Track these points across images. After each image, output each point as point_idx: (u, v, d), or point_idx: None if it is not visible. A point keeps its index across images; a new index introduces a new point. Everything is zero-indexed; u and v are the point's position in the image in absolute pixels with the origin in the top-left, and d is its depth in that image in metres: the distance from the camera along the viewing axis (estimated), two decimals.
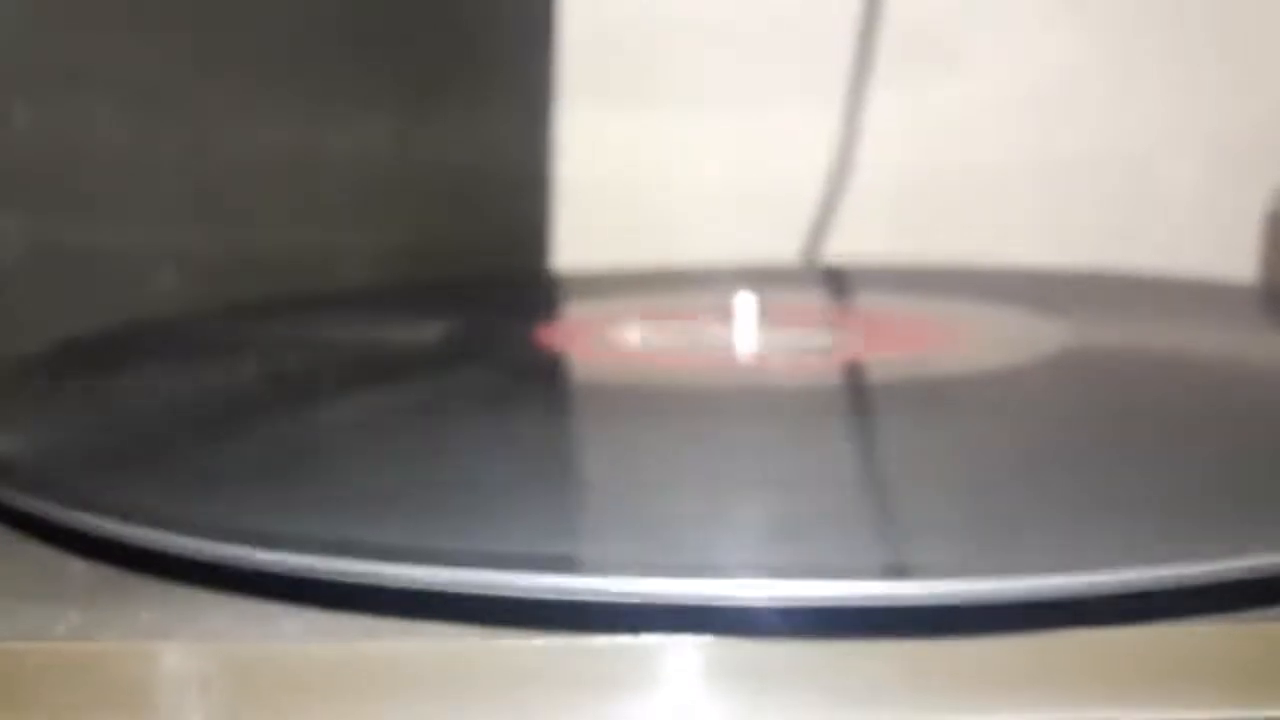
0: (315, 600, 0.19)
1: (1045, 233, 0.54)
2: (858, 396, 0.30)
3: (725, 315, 0.35)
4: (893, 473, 0.24)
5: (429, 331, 0.35)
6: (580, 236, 0.52)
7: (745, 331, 0.34)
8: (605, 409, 0.29)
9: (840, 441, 0.26)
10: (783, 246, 0.53)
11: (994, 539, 0.20)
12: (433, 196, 0.48)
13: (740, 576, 0.18)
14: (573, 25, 0.52)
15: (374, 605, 0.19)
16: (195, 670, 0.19)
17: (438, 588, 0.18)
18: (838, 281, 0.47)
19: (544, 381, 0.31)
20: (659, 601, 0.18)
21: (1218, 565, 0.18)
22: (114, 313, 0.37)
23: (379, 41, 0.46)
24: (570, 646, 0.19)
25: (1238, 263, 0.48)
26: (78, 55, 0.38)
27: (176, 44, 0.40)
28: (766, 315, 0.35)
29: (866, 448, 0.26)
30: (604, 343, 0.34)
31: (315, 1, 0.44)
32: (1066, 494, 0.22)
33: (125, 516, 0.20)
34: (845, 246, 0.53)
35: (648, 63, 0.53)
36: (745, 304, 0.35)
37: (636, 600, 0.18)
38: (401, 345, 0.35)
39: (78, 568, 0.21)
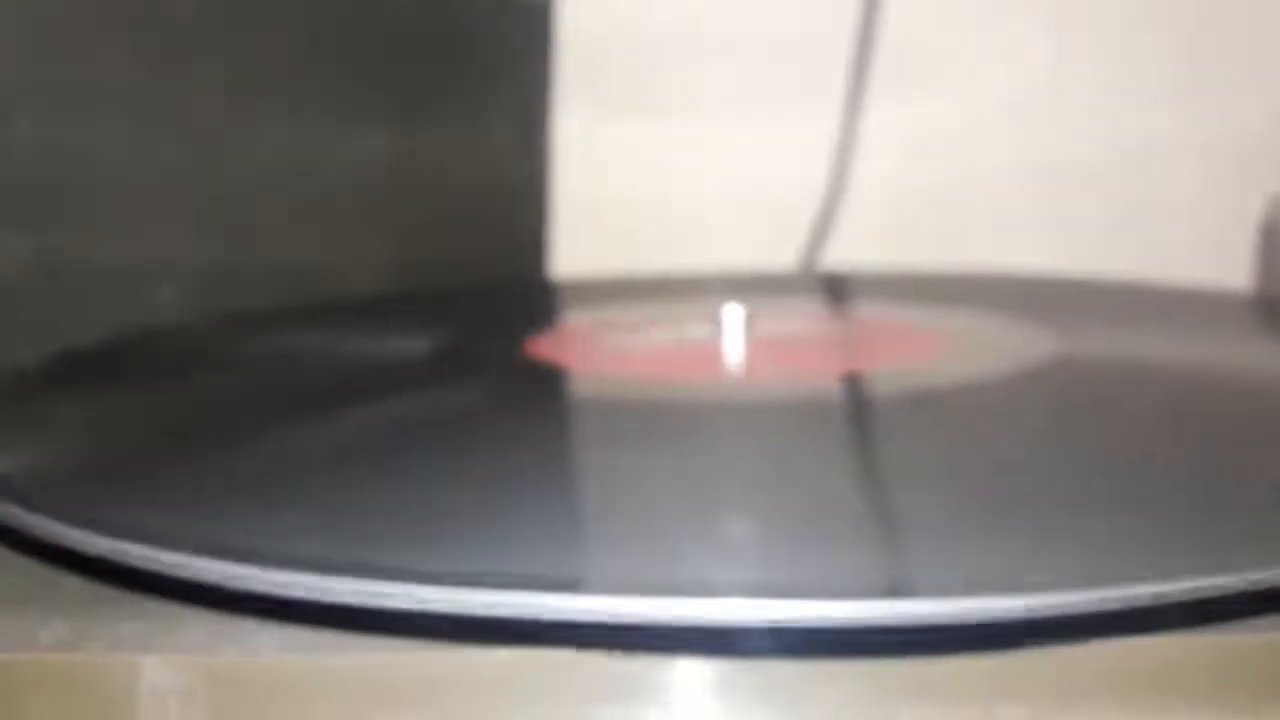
0: (297, 617, 0.20)
1: (1042, 240, 0.54)
2: (850, 408, 0.30)
3: (721, 325, 0.35)
4: (887, 487, 0.24)
5: (419, 344, 0.36)
6: (578, 246, 0.52)
7: (740, 341, 0.34)
8: (596, 421, 0.29)
9: (835, 455, 0.26)
10: (781, 255, 0.53)
11: (993, 555, 0.20)
12: (431, 207, 0.48)
13: (736, 596, 0.18)
14: (571, 35, 0.52)
15: (353, 622, 0.19)
16: (176, 682, 0.19)
17: (422, 607, 0.19)
18: (834, 290, 0.48)
19: (537, 395, 0.31)
20: (653, 622, 0.18)
21: (1202, 581, 0.18)
22: (115, 325, 0.37)
23: (377, 53, 0.46)
24: (551, 661, 0.19)
25: (1235, 269, 0.48)
26: (79, 70, 0.38)
27: (176, 58, 0.40)
28: (762, 325, 0.35)
29: (861, 461, 0.26)
30: (596, 353, 0.35)
31: (313, 14, 0.44)
32: (1061, 508, 0.22)
33: (106, 532, 0.20)
34: (843, 255, 0.53)
35: (646, 73, 0.54)
36: (741, 313, 0.35)
37: (630, 621, 0.18)
38: (391, 358, 0.35)
39: (68, 581, 0.22)
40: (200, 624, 0.20)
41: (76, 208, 0.38)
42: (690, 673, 0.19)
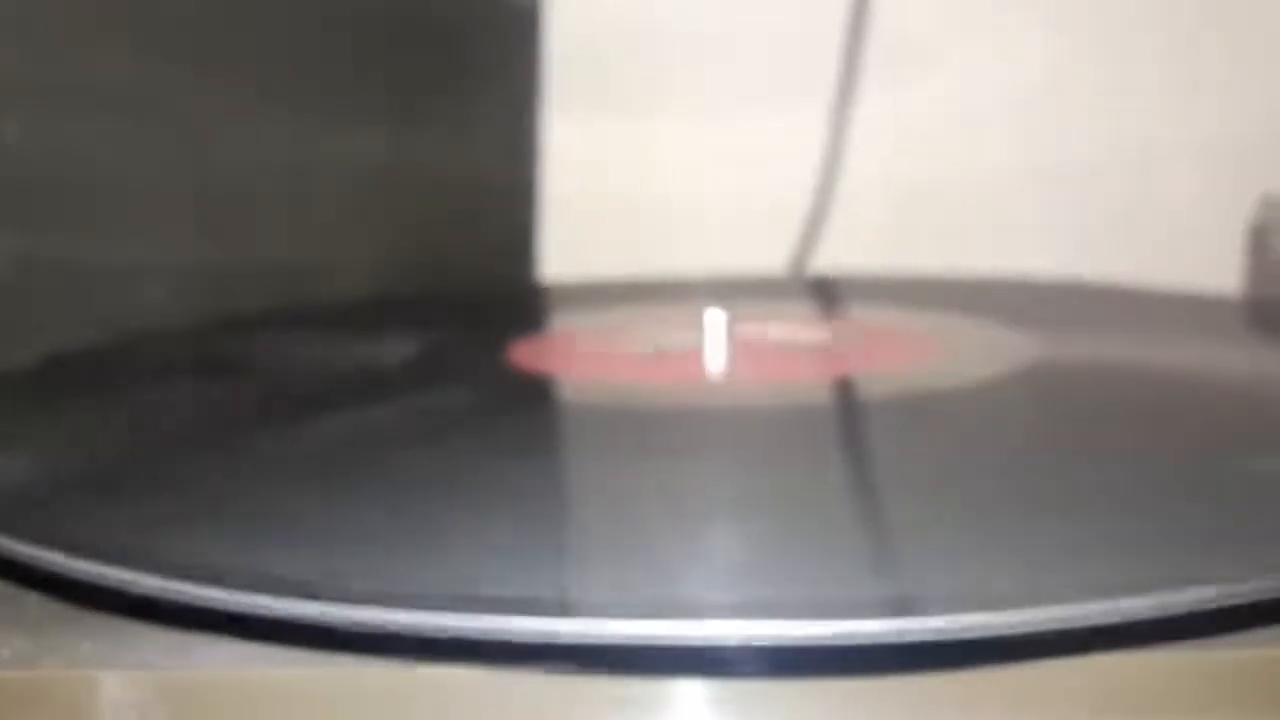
0: (256, 634, 0.20)
1: (1041, 240, 0.54)
2: (839, 414, 0.30)
3: (708, 328, 0.35)
4: (878, 498, 0.24)
5: (403, 351, 0.36)
6: (569, 247, 0.52)
7: (727, 346, 0.34)
8: (579, 430, 0.29)
9: (825, 463, 0.26)
10: (777, 255, 0.53)
11: (985, 570, 0.20)
12: (424, 207, 0.48)
13: (724, 617, 0.18)
14: (561, 36, 0.52)
15: (308, 640, 0.19)
16: (134, 698, 0.19)
17: (382, 629, 0.18)
18: (824, 293, 0.48)
19: (520, 404, 0.31)
20: (647, 643, 0.18)
21: (1188, 594, 0.18)
22: (105, 327, 0.38)
23: (370, 54, 0.47)
24: (536, 684, 0.19)
25: (1234, 269, 0.48)
26: (71, 68, 0.38)
27: (170, 57, 0.40)
28: (750, 329, 0.35)
29: (853, 470, 0.26)
30: (580, 358, 0.35)
31: (307, 15, 0.44)
32: (1049, 519, 0.22)
33: (63, 549, 0.20)
34: (839, 255, 0.53)
35: (636, 74, 0.53)
36: (728, 317, 0.35)
37: (624, 643, 0.18)
38: (374, 366, 0.35)
39: (30, 599, 0.22)
40: (159, 640, 0.20)
41: (72, 208, 0.38)
42: (686, 693, 0.19)
